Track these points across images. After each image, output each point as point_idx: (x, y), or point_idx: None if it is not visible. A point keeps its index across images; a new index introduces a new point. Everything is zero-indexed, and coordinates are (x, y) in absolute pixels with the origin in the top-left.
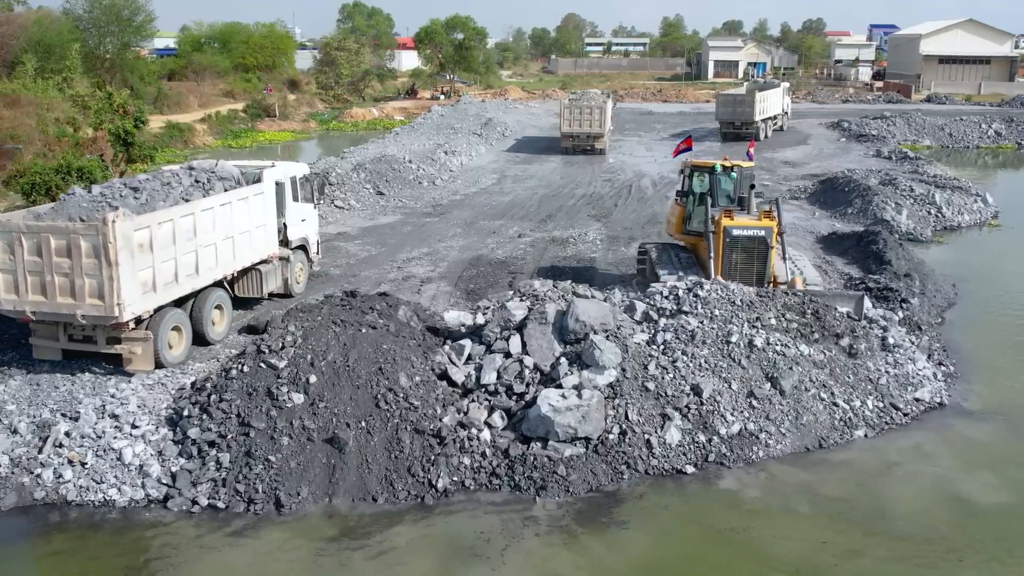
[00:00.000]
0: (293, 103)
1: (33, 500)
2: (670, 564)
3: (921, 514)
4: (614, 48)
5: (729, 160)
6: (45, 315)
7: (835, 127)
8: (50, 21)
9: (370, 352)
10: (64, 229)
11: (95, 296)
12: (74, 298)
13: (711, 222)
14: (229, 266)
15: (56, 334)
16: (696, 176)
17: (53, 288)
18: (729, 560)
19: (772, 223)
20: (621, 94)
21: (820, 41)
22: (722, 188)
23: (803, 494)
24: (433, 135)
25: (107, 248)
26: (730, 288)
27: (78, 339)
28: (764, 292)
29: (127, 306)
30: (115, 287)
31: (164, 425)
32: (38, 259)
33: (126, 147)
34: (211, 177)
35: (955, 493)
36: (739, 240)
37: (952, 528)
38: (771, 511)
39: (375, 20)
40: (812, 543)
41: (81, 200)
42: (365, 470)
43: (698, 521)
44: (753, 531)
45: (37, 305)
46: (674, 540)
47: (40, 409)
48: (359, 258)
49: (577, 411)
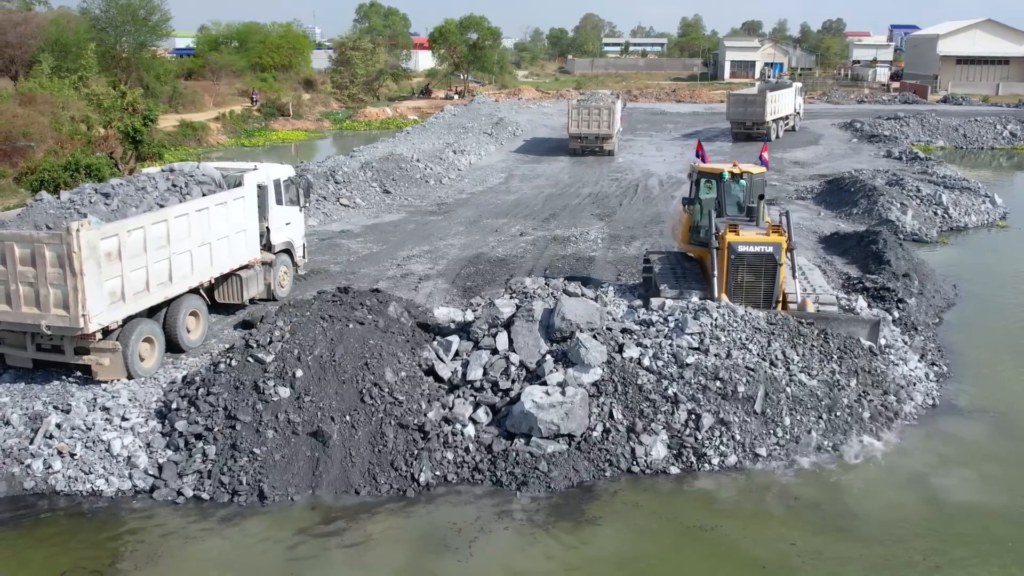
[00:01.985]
0: (308, 102)
1: (23, 490)
2: (637, 560)
3: (897, 515)
4: (632, 48)
5: (739, 166)
6: (10, 324)
7: (847, 128)
8: (67, 21)
9: (356, 347)
10: (28, 238)
11: (60, 306)
12: (39, 308)
13: (715, 236)
14: (206, 273)
15: (24, 343)
16: (704, 182)
17: (18, 297)
18: (697, 557)
19: (781, 238)
20: (635, 94)
21: (838, 41)
22: (731, 196)
23: (779, 496)
24: (444, 134)
25: (71, 257)
26: (736, 314)
27: (46, 348)
28: (773, 320)
29: (93, 317)
30: (80, 297)
31: (153, 418)
32: (2, 268)
33: (135, 145)
34: (189, 181)
35: (932, 492)
36: (745, 257)
37: (927, 530)
38: (744, 511)
39: (391, 20)
40: (782, 543)
41: (48, 207)
42: (348, 463)
43: (670, 518)
44: (723, 530)
45: (1, 314)
46: (644, 537)
47: (33, 401)
48: (360, 255)
49: (560, 408)
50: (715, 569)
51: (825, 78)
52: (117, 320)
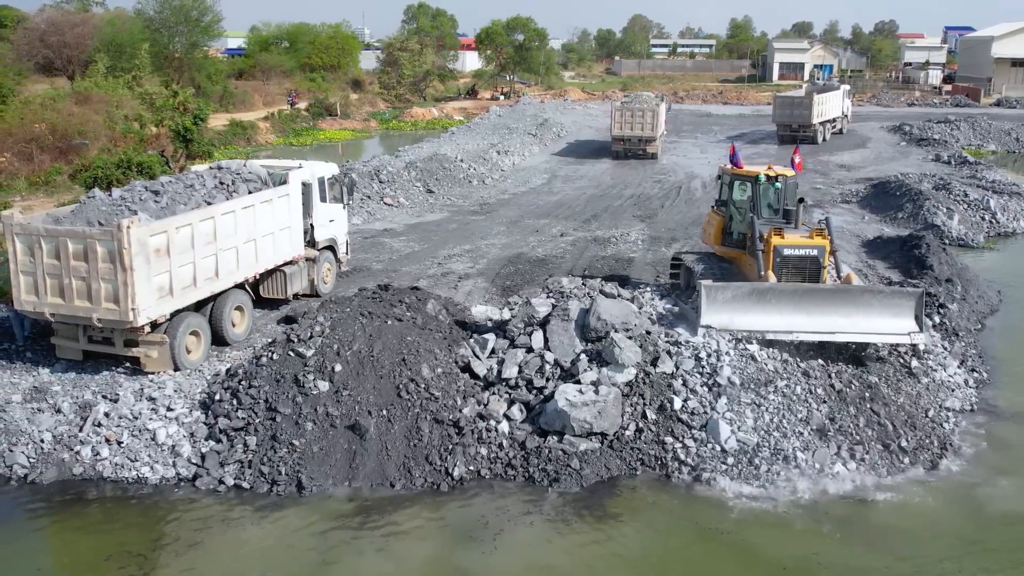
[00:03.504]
0: (355, 102)
1: (72, 475)
2: (658, 559)
3: (933, 528)
4: (680, 50)
5: (773, 168)
6: (63, 317)
7: (896, 131)
8: (123, 21)
9: (394, 343)
10: (81, 234)
11: (111, 300)
12: (91, 301)
13: (760, 240)
14: (251, 269)
15: (76, 335)
16: (737, 185)
17: (71, 291)
18: (714, 558)
19: (825, 241)
20: (681, 96)
21: (890, 43)
22: (765, 199)
23: (806, 507)
24: (488, 135)
25: (122, 254)
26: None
27: (97, 340)
28: (822, 366)
29: (142, 311)
30: (130, 292)
31: (197, 408)
32: (56, 262)
33: (186, 144)
34: (236, 179)
35: (978, 503)
36: (790, 260)
37: (962, 540)
38: (766, 518)
39: (439, 21)
40: (804, 551)
41: (100, 204)
42: (384, 456)
43: (692, 520)
44: (743, 534)
45: (55, 307)
46: (666, 536)
47: (83, 390)
48: (402, 254)
49: (593, 406)
50: (739, 572)
51: (876, 80)
52: (165, 314)
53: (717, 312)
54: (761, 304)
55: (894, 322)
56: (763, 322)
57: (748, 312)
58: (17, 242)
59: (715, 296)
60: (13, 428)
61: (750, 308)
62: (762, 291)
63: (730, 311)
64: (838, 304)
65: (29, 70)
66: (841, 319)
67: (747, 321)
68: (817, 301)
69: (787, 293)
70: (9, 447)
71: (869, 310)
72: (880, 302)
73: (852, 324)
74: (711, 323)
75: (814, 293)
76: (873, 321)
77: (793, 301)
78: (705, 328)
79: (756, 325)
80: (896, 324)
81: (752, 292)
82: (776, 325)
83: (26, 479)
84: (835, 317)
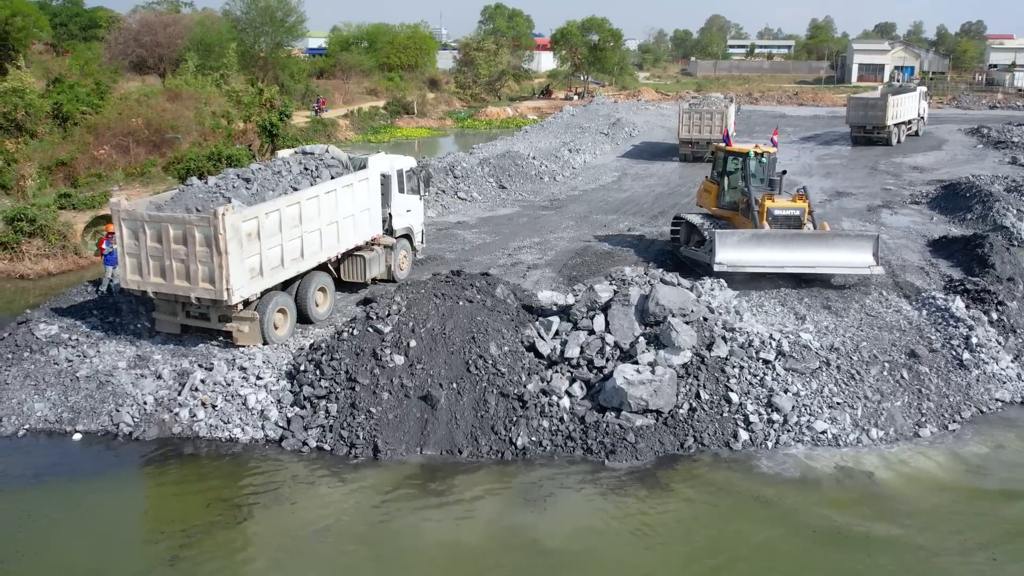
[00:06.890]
0: (432, 101)
1: (171, 434)
2: (700, 526)
3: (962, 506)
4: (757, 51)
5: (759, 146)
6: (164, 295)
7: (973, 133)
8: (211, 22)
9: (465, 322)
10: (181, 220)
11: (207, 281)
12: (189, 281)
13: (755, 203)
14: (333, 249)
15: (175, 310)
16: (730, 160)
17: (171, 271)
18: (761, 529)
19: (805, 204)
20: (756, 97)
21: (976, 44)
22: (754, 170)
23: (863, 486)
24: (561, 134)
25: (217, 239)
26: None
27: (194, 315)
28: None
29: (235, 290)
30: (224, 273)
31: (284, 378)
32: (159, 245)
33: (271, 138)
34: (319, 164)
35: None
36: (779, 218)
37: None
38: (813, 488)
39: (516, 21)
40: (849, 520)
41: (197, 191)
42: (453, 426)
43: (740, 493)
44: (785, 503)
45: (157, 286)
46: (711, 508)
47: (181, 360)
48: (473, 245)
49: (649, 385)
50: (784, 540)
51: (958, 82)
52: (256, 293)
53: (727, 252)
54: (760, 246)
55: (857, 257)
56: (761, 258)
57: (750, 252)
58: (123, 227)
59: (725, 240)
60: (120, 391)
61: (752, 249)
62: (760, 236)
63: (736, 251)
64: (816, 245)
65: (123, 68)
66: (818, 255)
67: (749, 258)
68: (801, 243)
69: (778, 237)
70: (116, 407)
71: (839, 249)
72: (847, 243)
73: (827, 259)
74: (723, 260)
75: (798, 237)
76: (842, 256)
77: (783, 243)
78: (719, 264)
79: (756, 261)
80: (859, 259)
81: (752, 236)
82: (771, 261)
83: (131, 436)
84: (814, 254)
